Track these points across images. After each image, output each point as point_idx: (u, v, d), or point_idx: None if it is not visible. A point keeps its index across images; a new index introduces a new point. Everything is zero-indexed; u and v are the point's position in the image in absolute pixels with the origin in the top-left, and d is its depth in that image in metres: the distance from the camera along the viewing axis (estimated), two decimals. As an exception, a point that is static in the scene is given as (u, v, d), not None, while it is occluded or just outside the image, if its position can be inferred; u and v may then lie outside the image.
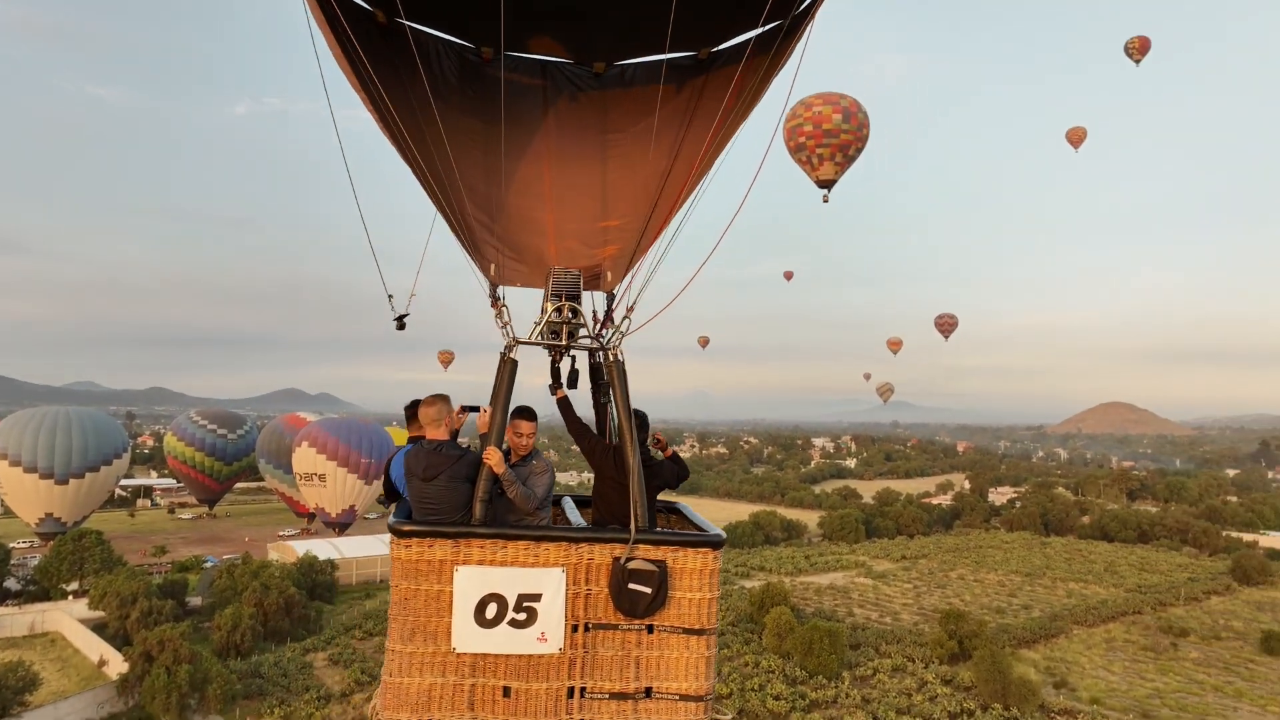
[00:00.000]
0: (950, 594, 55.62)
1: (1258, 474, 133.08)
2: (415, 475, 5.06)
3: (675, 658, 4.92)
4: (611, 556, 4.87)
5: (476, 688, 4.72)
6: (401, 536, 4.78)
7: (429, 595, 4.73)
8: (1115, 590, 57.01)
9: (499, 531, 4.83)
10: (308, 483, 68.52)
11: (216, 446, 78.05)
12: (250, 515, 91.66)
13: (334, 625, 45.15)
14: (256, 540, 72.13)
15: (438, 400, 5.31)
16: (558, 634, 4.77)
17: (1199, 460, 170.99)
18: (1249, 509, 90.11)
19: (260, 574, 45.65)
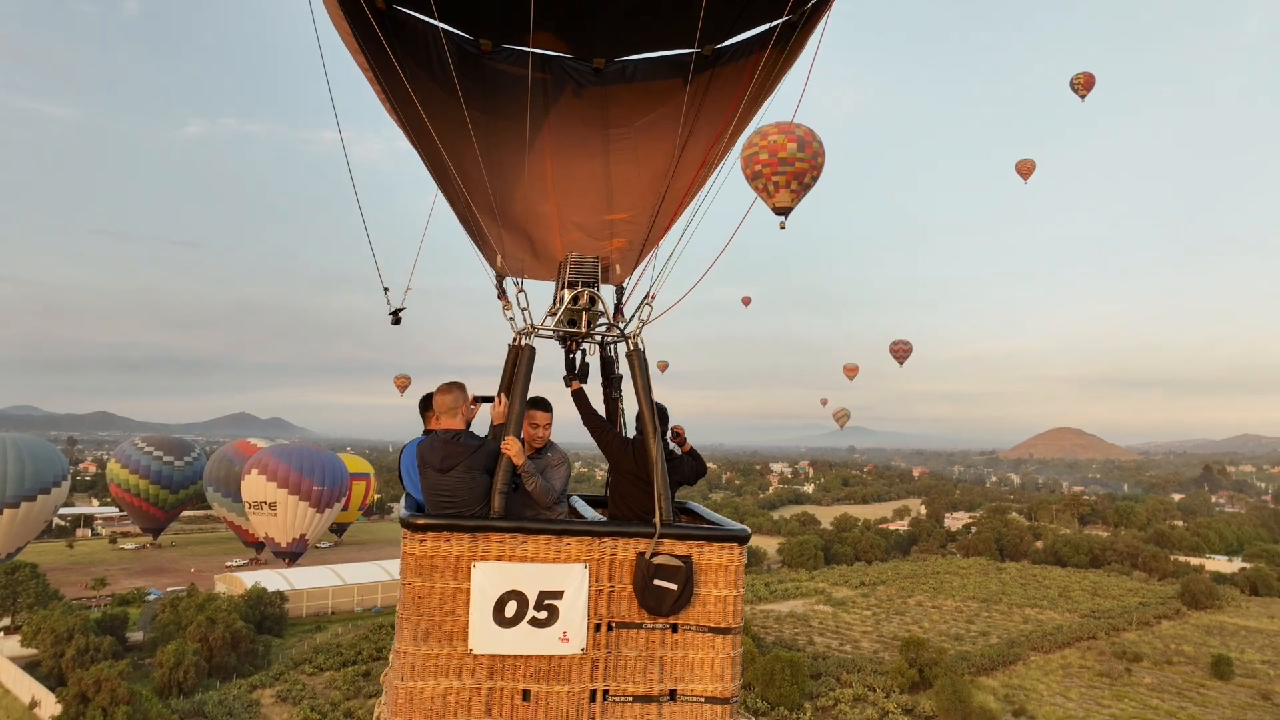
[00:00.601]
0: (909, 621, 55.73)
1: (1202, 498, 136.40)
2: (431, 466, 4.82)
3: (700, 658, 4.75)
4: (635, 552, 4.69)
5: (494, 691, 4.49)
6: (415, 530, 4.52)
7: (444, 593, 4.48)
8: (1070, 616, 57.62)
9: (520, 525, 4.62)
10: (257, 511, 66.71)
11: (162, 474, 75.70)
12: (197, 545, 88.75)
13: (283, 660, 43.64)
14: (203, 571, 69.77)
15: (453, 388, 5.11)
16: (580, 633, 4.57)
17: (1145, 485, 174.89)
18: (1195, 533, 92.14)
19: (206, 607, 44.02)
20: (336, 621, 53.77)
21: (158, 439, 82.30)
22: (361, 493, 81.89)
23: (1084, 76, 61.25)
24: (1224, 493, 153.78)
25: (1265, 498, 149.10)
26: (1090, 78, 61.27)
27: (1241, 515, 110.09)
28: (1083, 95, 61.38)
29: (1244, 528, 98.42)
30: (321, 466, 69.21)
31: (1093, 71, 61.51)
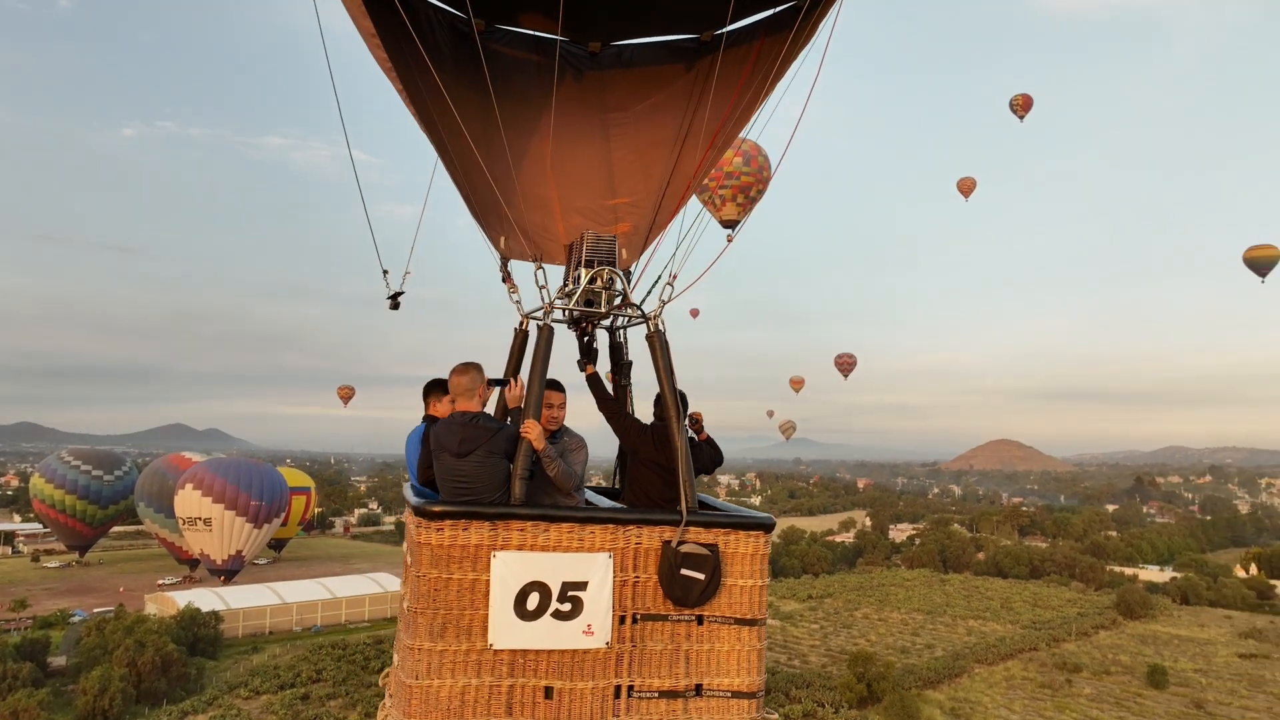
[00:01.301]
0: (856, 634, 56.05)
1: (1134, 509, 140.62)
2: (447, 450, 4.57)
3: (726, 651, 4.59)
4: (661, 540, 4.51)
5: (516, 689, 4.27)
6: (431, 519, 4.26)
7: (463, 585, 4.24)
8: (1012, 627, 58.58)
9: (543, 512, 4.41)
10: (191, 527, 64.50)
11: (90, 489, 72.72)
12: (126, 562, 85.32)
13: (217, 684, 41.95)
14: (132, 590, 66.98)
15: (470, 368, 4.86)
16: (605, 626, 4.36)
17: (1081, 496, 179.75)
18: (1129, 544, 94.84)
19: (135, 629, 42.15)
20: (274, 642, 52.00)
21: (86, 452, 79.16)
22: (301, 507, 79.78)
23: (1022, 98, 62.92)
24: (1154, 503, 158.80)
25: (1193, 508, 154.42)
26: (1028, 99, 62.96)
27: (1171, 526, 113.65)
28: (1021, 116, 63.01)
29: (1174, 538, 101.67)
30: (260, 480, 67.23)
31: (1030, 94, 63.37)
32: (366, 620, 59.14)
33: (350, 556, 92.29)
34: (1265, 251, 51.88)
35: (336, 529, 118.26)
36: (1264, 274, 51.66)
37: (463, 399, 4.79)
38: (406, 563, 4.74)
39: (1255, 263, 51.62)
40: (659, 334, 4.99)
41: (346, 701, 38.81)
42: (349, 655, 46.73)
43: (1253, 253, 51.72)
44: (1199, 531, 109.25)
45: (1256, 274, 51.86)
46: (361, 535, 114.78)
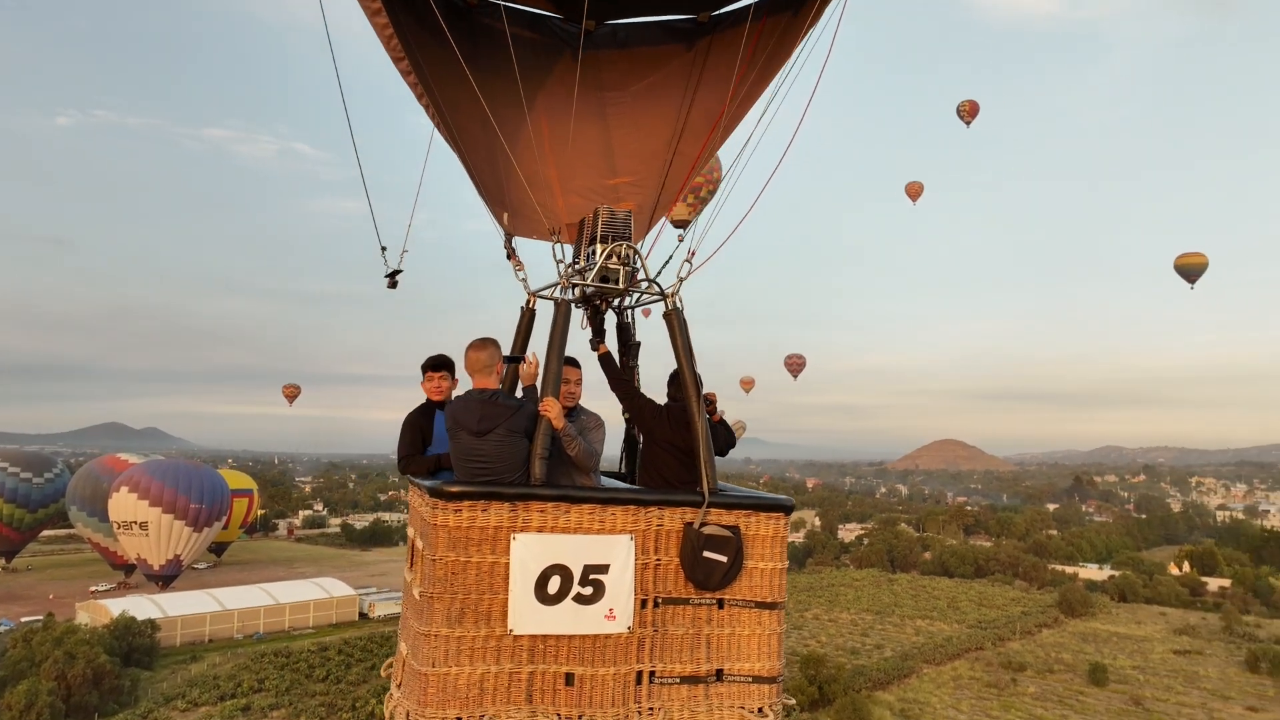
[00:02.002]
0: (807, 635, 56.41)
1: (1073, 508, 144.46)
2: (465, 428, 4.43)
3: (747, 635, 4.51)
4: (683, 522, 4.42)
5: (536, 675, 4.16)
6: (450, 499, 4.11)
7: (482, 568, 4.11)
8: (958, 626, 59.55)
9: (564, 493, 4.29)
10: (126, 531, 62.30)
11: (18, 492, 69.90)
12: (57, 568, 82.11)
13: (152, 696, 40.54)
14: (63, 598, 64.45)
15: (488, 344, 4.72)
16: (627, 610, 4.27)
17: (1023, 495, 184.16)
18: (1069, 543, 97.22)
19: (65, 640, 40.45)
20: (214, 650, 50.44)
21: (14, 453, 76.11)
22: (243, 510, 77.70)
23: (969, 104, 63.96)
24: (1092, 502, 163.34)
25: (1129, 507, 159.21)
26: (974, 105, 64.00)
27: (1109, 525, 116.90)
28: (968, 122, 64.06)
29: (1111, 536, 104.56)
30: (200, 483, 65.21)
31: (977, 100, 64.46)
32: (311, 627, 57.75)
33: (294, 560, 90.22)
34: (1194, 259, 53.42)
35: (280, 532, 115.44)
36: (1193, 280, 53.17)
37: (480, 375, 4.62)
38: (416, 547, 4.56)
39: (1185, 269, 53.12)
40: (677, 311, 4.88)
41: (290, 712, 37.75)
42: (293, 663, 45.53)
43: (1183, 260, 53.18)
44: (1135, 530, 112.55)
45: (1186, 280, 53.31)
46: (306, 538, 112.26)
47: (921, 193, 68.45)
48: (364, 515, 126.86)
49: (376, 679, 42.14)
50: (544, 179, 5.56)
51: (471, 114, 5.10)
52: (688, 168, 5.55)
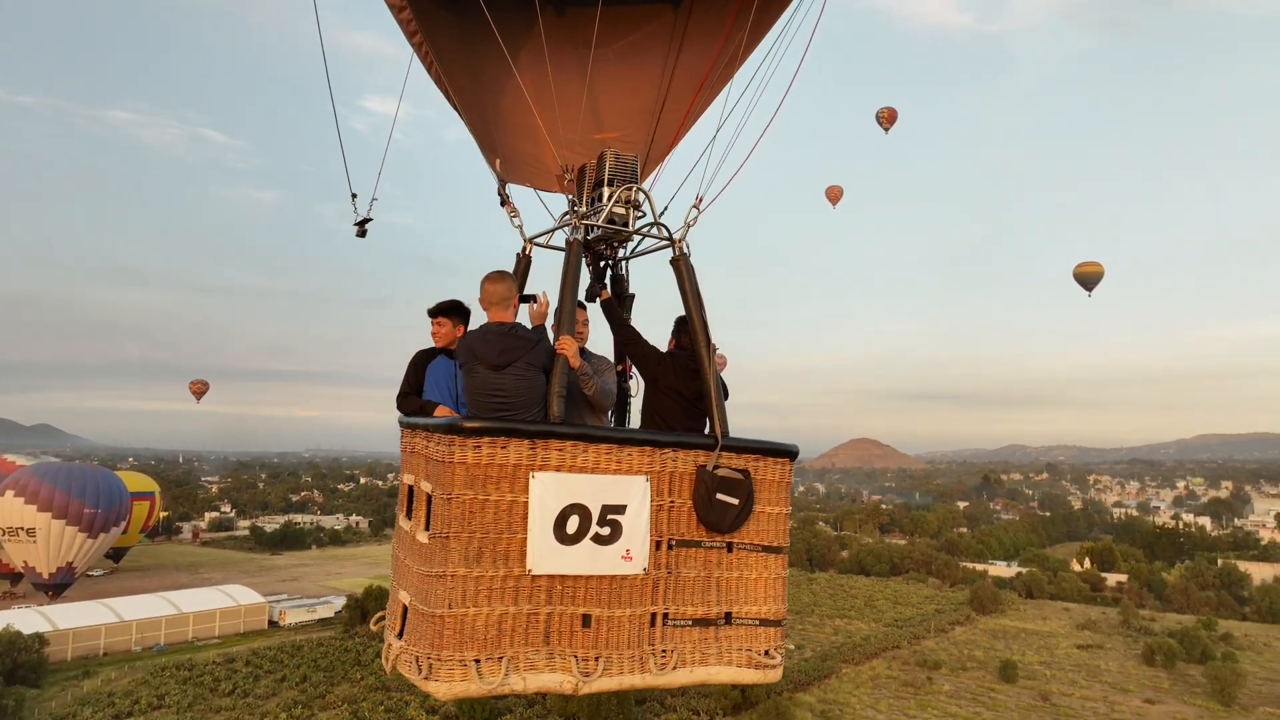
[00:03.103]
0: (729, 637, 56.61)
1: (982, 506, 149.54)
2: (483, 362, 4.34)
3: (755, 578, 4.59)
4: (695, 465, 4.45)
5: (554, 616, 4.12)
6: (467, 435, 4.02)
7: (500, 507, 4.04)
8: (875, 625, 60.70)
9: (582, 431, 4.26)
10: (12, 538, 58.46)
11: (-111, 496, 64.69)
12: (-66, 576, 76.54)
13: (39, 716, 37.89)
14: (-60, 609, 60.00)
15: (506, 276, 4.68)
16: (643, 552, 4.28)
17: (934, 493, 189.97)
18: (979, 541, 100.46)
19: (-60, 658, 37.49)
20: (110, 665, 47.56)
21: (-114, 454, 70.48)
22: (144, 514, 73.79)
23: (888, 111, 65.30)
24: (999, 500, 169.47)
25: (1033, 504, 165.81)
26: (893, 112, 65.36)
27: (1016, 523, 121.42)
28: (886, 128, 65.45)
29: (1018, 534, 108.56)
30: (95, 486, 61.59)
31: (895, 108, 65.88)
32: (217, 637, 55.12)
33: (199, 565, 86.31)
34: (1091, 268, 55.50)
35: (184, 535, 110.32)
36: (1090, 289, 55.18)
37: (497, 308, 4.52)
38: (419, 490, 4.41)
39: (1083, 278, 55.09)
40: (685, 258, 4.88)
41: (192, 731, 35.79)
42: (196, 677, 43.29)
43: (1081, 269, 55.14)
44: (1039, 528, 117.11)
45: (1084, 288, 55.25)
46: (213, 541, 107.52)
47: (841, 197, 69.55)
48: (275, 517, 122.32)
49: (287, 691, 40.49)
50: (530, 129, 5.59)
51: (457, 63, 5.15)
52: (677, 125, 5.60)
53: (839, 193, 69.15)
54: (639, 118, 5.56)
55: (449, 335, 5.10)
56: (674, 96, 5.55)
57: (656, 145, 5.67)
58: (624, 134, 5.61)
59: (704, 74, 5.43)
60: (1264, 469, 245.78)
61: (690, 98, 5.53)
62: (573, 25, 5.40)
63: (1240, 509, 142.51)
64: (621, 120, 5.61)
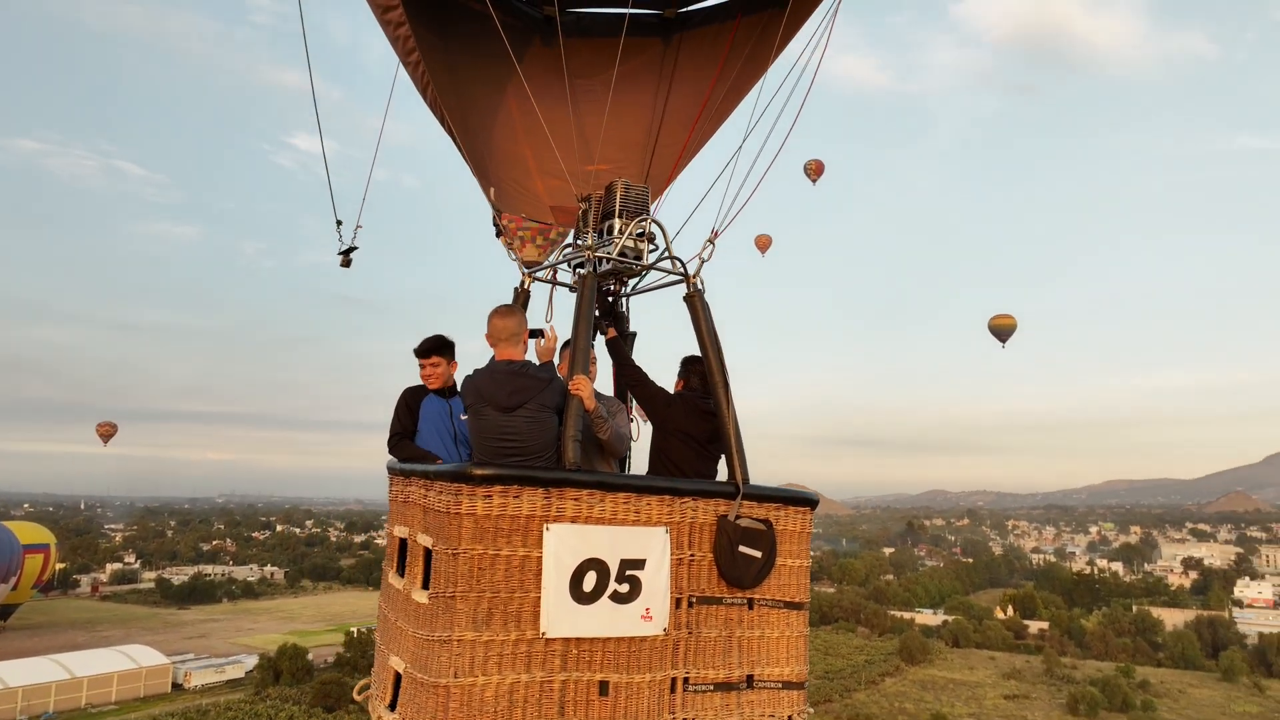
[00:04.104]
0: (660, 692, 55.46)
1: (907, 553, 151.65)
2: (492, 404, 4.08)
3: (776, 637, 4.32)
4: (716, 515, 4.18)
5: (569, 684, 3.78)
6: (479, 483, 3.69)
7: (512, 563, 3.72)
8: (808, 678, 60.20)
9: (599, 479, 3.97)
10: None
11: None
12: None
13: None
14: None
15: (515, 311, 4.45)
16: (663, 610, 3.98)
17: (860, 539, 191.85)
18: (906, 589, 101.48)
19: None
20: (-11, 736, 43.81)
21: None
22: (37, 567, 68.97)
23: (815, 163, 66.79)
24: (923, 546, 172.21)
25: (956, 550, 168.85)
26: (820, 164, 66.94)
27: (941, 570, 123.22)
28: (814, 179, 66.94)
29: (943, 581, 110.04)
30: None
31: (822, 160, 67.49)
32: (114, 702, 51.34)
33: (98, 622, 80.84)
34: (1004, 321, 57.16)
35: (83, 588, 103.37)
36: (1004, 340, 56.81)
37: (506, 344, 4.25)
38: (415, 544, 4.06)
39: (997, 330, 56.73)
40: (699, 293, 4.69)
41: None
42: (87, 750, 40.09)
43: (995, 321, 56.79)
44: (963, 574, 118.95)
45: (998, 339, 56.87)
46: (114, 595, 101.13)
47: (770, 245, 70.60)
48: (183, 568, 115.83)
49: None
50: (519, 158, 5.55)
51: (446, 86, 5.07)
52: (673, 159, 5.52)
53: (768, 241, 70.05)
54: (632, 151, 5.48)
55: (444, 375, 4.83)
56: (668, 130, 5.51)
57: (653, 179, 5.61)
58: (615, 166, 5.46)
59: (699, 109, 5.38)
60: (1167, 514, 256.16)
61: (686, 132, 5.47)
62: (559, 56, 5.30)
63: (1149, 554, 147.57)
64: (613, 152, 5.50)
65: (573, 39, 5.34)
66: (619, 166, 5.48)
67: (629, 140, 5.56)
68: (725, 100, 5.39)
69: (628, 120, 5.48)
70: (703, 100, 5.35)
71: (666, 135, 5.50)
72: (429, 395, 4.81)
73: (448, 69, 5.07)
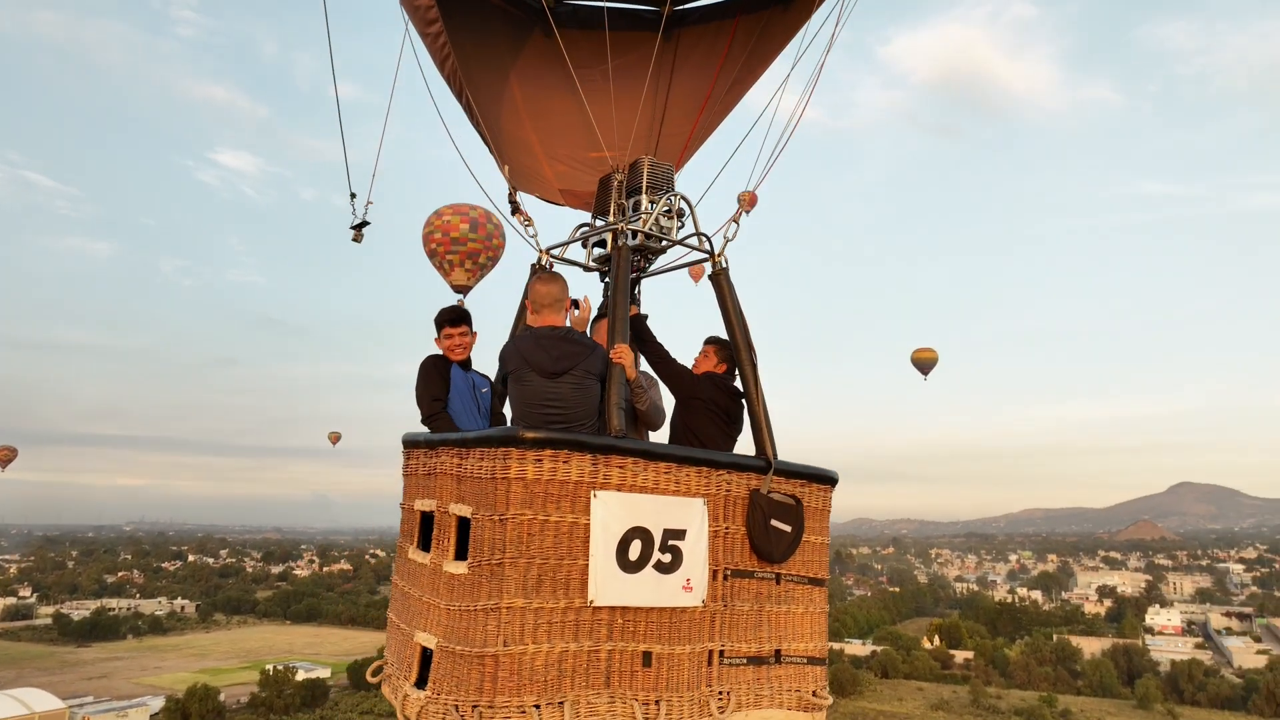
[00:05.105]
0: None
1: (836, 582, 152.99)
2: (537, 369, 4.02)
3: (801, 613, 4.39)
4: (748, 489, 4.22)
5: (615, 654, 3.71)
6: (527, 447, 3.60)
7: (560, 529, 3.64)
8: (739, 712, 59.74)
9: (645, 448, 3.92)
10: None
11: None
12: None
13: None
14: None
15: (558, 277, 4.44)
16: (702, 582, 3.95)
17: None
18: (835, 619, 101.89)
19: None
20: None
21: None
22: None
23: (748, 195, 68.02)
24: (850, 575, 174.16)
25: (882, 579, 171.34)
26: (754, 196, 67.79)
27: (869, 599, 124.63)
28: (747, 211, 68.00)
29: (871, 610, 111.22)
30: None
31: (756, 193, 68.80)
32: (0, 752, 47.68)
33: (-14, 662, 75.59)
34: (926, 354, 58.44)
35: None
36: (926, 372, 58.07)
37: (549, 311, 4.25)
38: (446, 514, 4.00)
39: (919, 363, 57.96)
40: (725, 272, 4.75)
41: None
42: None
43: (917, 355, 58.05)
44: (890, 604, 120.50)
45: (920, 372, 58.10)
46: (6, 632, 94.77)
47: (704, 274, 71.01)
48: (85, 602, 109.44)
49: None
50: (526, 143, 5.62)
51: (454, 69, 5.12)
52: (678, 150, 5.60)
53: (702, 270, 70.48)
54: (635, 140, 5.52)
55: (470, 345, 4.80)
56: (672, 121, 5.59)
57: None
58: (619, 154, 5.51)
59: (703, 103, 5.48)
60: (1081, 542, 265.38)
61: (690, 124, 5.59)
62: (555, 44, 5.41)
63: (1066, 582, 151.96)
64: (616, 141, 5.54)
65: (571, 30, 5.40)
66: (621, 155, 5.50)
67: (630, 129, 5.57)
68: (730, 93, 5.50)
69: (630, 110, 5.49)
70: (705, 94, 5.45)
71: (670, 126, 5.58)
72: (454, 366, 4.75)
73: (457, 46, 5.11)
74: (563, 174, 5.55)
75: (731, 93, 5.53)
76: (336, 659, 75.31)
